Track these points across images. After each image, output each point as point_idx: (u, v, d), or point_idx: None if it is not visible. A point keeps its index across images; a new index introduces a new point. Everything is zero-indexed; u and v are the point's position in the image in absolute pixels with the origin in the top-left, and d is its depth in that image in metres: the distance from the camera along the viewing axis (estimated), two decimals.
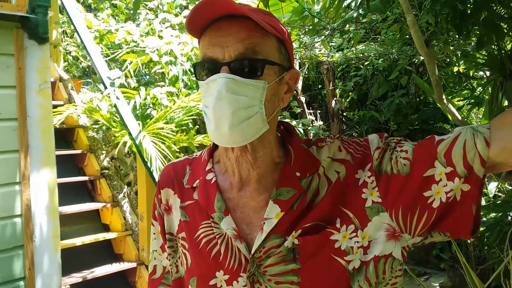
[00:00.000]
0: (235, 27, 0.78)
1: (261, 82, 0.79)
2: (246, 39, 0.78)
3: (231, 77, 0.77)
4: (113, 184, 4.00)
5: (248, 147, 0.83)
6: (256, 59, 0.79)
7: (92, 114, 3.93)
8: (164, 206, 0.95)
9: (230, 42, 0.78)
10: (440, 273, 4.50)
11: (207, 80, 0.79)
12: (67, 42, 5.25)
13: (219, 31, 0.79)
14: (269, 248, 0.81)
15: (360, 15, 3.28)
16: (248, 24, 0.78)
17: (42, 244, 2.61)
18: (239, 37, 0.78)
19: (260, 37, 0.79)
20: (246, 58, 0.78)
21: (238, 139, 0.79)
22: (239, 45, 0.78)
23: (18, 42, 2.53)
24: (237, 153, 0.84)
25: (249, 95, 0.78)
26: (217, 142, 0.83)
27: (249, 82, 0.78)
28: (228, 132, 0.77)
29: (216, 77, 0.77)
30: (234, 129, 0.77)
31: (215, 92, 0.77)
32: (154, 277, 0.99)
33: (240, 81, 0.77)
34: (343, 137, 0.89)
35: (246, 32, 0.78)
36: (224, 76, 0.77)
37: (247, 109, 0.78)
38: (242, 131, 0.78)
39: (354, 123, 6.17)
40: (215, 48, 0.79)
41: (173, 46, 4.14)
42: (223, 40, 0.78)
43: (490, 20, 2.00)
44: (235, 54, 0.78)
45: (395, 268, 0.81)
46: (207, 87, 0.79)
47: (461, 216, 0.76)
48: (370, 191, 0.81)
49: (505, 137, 0.72)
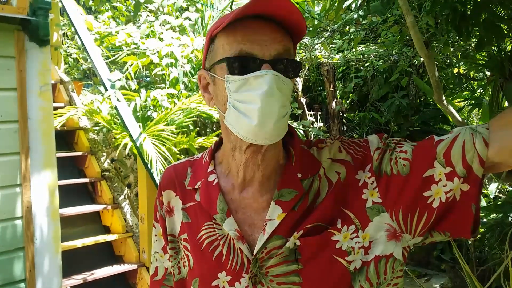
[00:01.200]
0: (268, 28, 0.80)
1: (291, 83, 0.81)
2: (282, 41, 0.80)
3: (278, 74, 0.77)
4: (113, 186, 4.00)
5: (264, 147, 0.83)
6: (293, 60, 0.81)
7: (93, 116, 3.93)
8: (166, 208, 0.95)
9: (268, 42, 0.79)
10: (441, 274, 4.50)
11: (249, 75, 0.78)
12: (67, 44, 5.27)
13: (253, 29, 0.79)
14: (271, 249, 0.81)
15: (360, 17, 3.29)
16: (277, 27, 0.80)
17: (43, 246, 2.61)
18: (276, 38, 0.79)
19: (290, 41, 0.82)
20: (285, 58, 0.80)
21: (275, 137, 0.79)
22: (278, 45, 0.79)
23: (19, 45, 2.53)
24: (248, 155, 0.84)
25: (286, 94, 0.79)
26: (252, 139, 0.80)
27: (287, 82, 0.79)
28: (272, 128, 0.77)
29: (263, 73, 0.77)
30: (276, 125, 0.77)
31: (264, 87, 0.76)
32: (156, 278, 0.99)
33: (283, 80, 0.78)
34: (343, 138, 0.89)
35: (280, 35, 0.80)
36: (272, 73, 0.77)
37: (285, 107, 0.79)
38: (280, 128, 0.79)
39: (355, 125, 6.17)
40: (253, 45, 0.79)
41: (174, 48, 4.15)
42: (261, 38, 0.79)
43: (490, 21, 2.00)
44: (274, 53, 0.79)
45: (396, 269, 0.81)
46: (245, 82, 0.78)
47: (461, 216, 0.77)
48: (370, 191, 0.82)
49: (504, 137, 0.73)
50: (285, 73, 0.79)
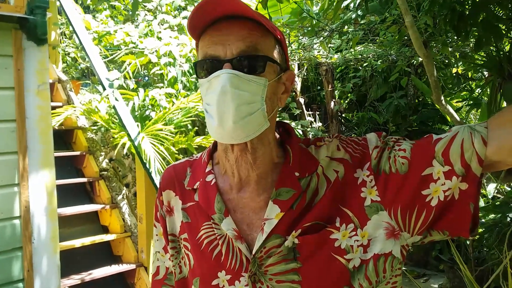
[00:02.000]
0: (235, 26, 0.79)
1: (262, 79, 0.80)
2: (247, 38, 0.79)
3: (234, 72, 0.77)
4: (112, 185, 4.00)
5: (248, 146, 0.83)
6: (258, 56, 0.80)
7: (91, 115, 3.92)
8: (166, 208, 0.96)
9: (231, 40, 0.79)
10: (439, 274, 4.50)
11: (210, 77, 0.79)
12: (65, 43, 5.25)
13: (220, 30, 0.80)
14: (270, 248, 0.81)
15: (359, 16, 3.29)
16: (248, 24, 0.80)
17: (41, 246, 2.60)
18: (241, 36, 0.79)
19: (260, 36, 0.81)
20: (248, 55, 0.79)
21: (241, 135, 0.79)
22: (241, 43, 0.79)
23: (16, 43, 2.52)
24: (237, 154, 0.84)
25: (251, 91, 0.79)
26: (219, 139, 0.83)
27: (251, 78, 0.78)
28: (232, 127, 0.77)
29: (219, 73, 0.78)
30: (237, 124, 0.77)
31: (218, 87, 0.77)
32: (157, 278, 0.99)
33: (243, 77, 0.78)
34: (341, 136, 0.89)
35: (246, 31, 0.79)
36: (227, 71, 0.77)
37: (249, 105, 0.78)
38: (244, 126, 0.78)
39: (353, 125, 6.17)
40: (217, 46, 0.79)
41: (172, 48, 4.15)
42: (225, 38, 0.79)
43: (489, 21, 2.00)
44: (237, 51, 0.79)
45: (395, 267, 0.81)
46: (209, 84, 0.80)
47: (459, 214, 0.77)
48: (369, 190, 0.82)
49: (502, 136, 0.73)
50: (247, 70, 0.78)
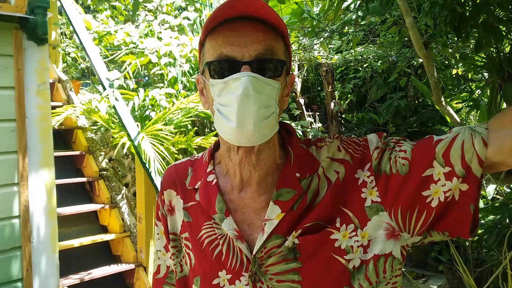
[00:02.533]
0: (250, 28, 0.79)
1: (277, 82, 0.80)
2: (264, 41, 0.79)
3: (254, 75, 0.77)
4: (111, 185, 4.00)
5: (255, 148, 0.83)
6: (275, 60, 0.80)
7: (91, 115, 3.92)
8: (167, 207, 0.96)
9: (248, 42, 0.79)
10: (438, 276, 4.50)
11: (227, 78, 0.78)
12: (66, 43, 5.25)
13: (234, 31, 0.79)
14: (270, 248, 0.81)
15: (359, 17, 3.29)
16: (262, 27, 0.80)
17: (40, 245, 2.60)
18: (257, 38, 0.79)
19: (275, 39, 0.81)
20: (266, 59, 0.79)
21: (258, 138, 0.79)
22: (258, 46, 0.79)
23: (17, 43, 2.52)
24: (241, 155, 0.84)
25: (268, 95, 0.79)
26: (234, 141, 0.81)
27: (269, 82, 0.79)
28: (251, 130, 0.77)
29: (240, 75, 0.77)
30: (256, 127, 0.77)
31: (240, 89, 0.76)
32: (158, 276, 1.00)
33: (262, 80, 0.78)
34: (342, 137, 0.89)
35: (262, 34, 0.79)
36: (249, 74, 0.77)
37: (266, 108, 0.79)
38: (262, 129, 0.78)
39: (353, 125, 6.18)
40: (233, 47, 0.79)
41: (172, 48, 4.15)
42: (241, 40, 0.79)
43: (489, 22, 2.01)
44: (255, 54, 0.78)
45: (395, 267, 0.81)
46: (225, 85, 0.79)
47: (460, 215, 0.77)
48: (369, 190, 0.82)
49: (503, 137, 0.73)
50: (266, 73, 0.79)
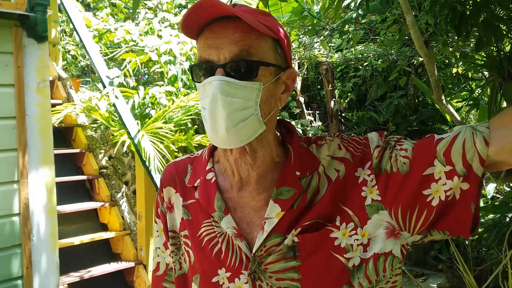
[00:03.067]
0: (230, 29, 0.78)
1: (256, 83, 0.79)
2: (241, 41, 0.78)
3: (225, 79, 0.77)
4: (111, 183, 4.00)
5: (247, 148, 0.83)
6: (250, 61, 0.78)
7: (91, 113, 3.92)
8: (167, 204, 0.96)
9: (225, 44, 0.78)
10: (438, 274, 4.51)
11: (203, 82, 0.79)
12: (66, 41, 5.24)
13: (214, 33, 0.79)
14: (270, 246, 0.81)
15: (360, 16, 3.29)
16: (243, 25, 0.78)
17: (40, 243, 2.60)
18: (234, 39, 0.78)
19: (255, 39, 0.79)
20: (240, 60, 0.78)
21: (234, 141, 0.79)
22: (234, 47, 0.78)
23: (17, 41, 2.52)
24: (235, 155, 0.85)
25: (244, 97, 0.78)
26: (214, 144, 0.84)
27: (244, 84, 0.78)
28: (225, 134, 0.78)
29: (211, 79, 0.78)
30: (230, 131, 0.77)
31: (210, 94, 0.77)
32: (158, 273, 1.00)
33: (235, 83, 0.77)
34: (342, 135, 0.89)
35: (240, 34, 0.78)
36: (218, 78, 0.77)
37: (242, 111, 0.78)
38: (237, 133, 0.78)
39: (353, 124, 6.18)
40: (211, 50, 0.79)
41: (172, 46, 4.14)
42: (218, 42, 0.78)
43: (489, 21, 2.00)
44: (230, 56, 0.78)
45: (395, 266, 0.81)
46: (203, 89, 0.80)
47: (460, 214, 0.76)
48: (369, 189, 0.81)
49: (504, 136, 0.73)
50: (240, 76, 0.78)
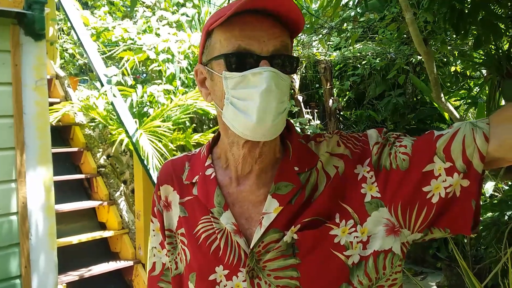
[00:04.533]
0: (266, 23, 0.79)
1: (289, 79, 0.81)
2: (280, 37, 0.79)
3: (276, 71, 0.77)
4: (109, 182, 3.99)
5: (261, 143, 0.83)
6: (291, 56, 0.81)
7: (89, 111, 3.91)
8: (164, 203, 0.95)
9: (266, 37, 0.78)
10: (437, 272, 4.51)
11: (247, 72, 0.77)
12: (63, 39, 5.23)
13: (251, 25, 0.78)
14: (268, 242, 0.81)
15: (358, 14, 3.29)
16: (276, 23, 0.79)
17: (38, 242, 2.59)
18: (273, 34, 0.78)
19: (288, 36, 0.82)
20: (282, 54, 0.79)
21: (273, 133, 0.80)
22: (276, 41, 0.78)
23: (14, 39, 2.51)
24: (246, 150, 0.84)
25: (284, 91, 0.79)
26: (250, 136, 0.79)
27: (286, 78, 0.79)
28: (270, 125, 0.77)
29: (261, 69, 0.76)
30: (274, 122, 0.77)
31: (264, 84, 0.75)
32: (153, 273, 0.99)
33: (282, 76, 0.78)
34: (342, 132, 0.89)
35: (277, 30, 0.79)
36: (271, 69, 0.76)
37: (282, 104, 0.79)
38: (278, 125, 0.79)
39: (351, 123, 6.18)
40: (251, 41, 0.78)
41: (170, 44, 4.13)
42: (259, 34, 0.78)
43: (488, 19, 2.00)
44: (272, 49, 0.78)
45: (395, 264, 0.81)
46: (243, 78, 0.77)
47: (461, 212, 0.76)
48: (369, 186, 0.81)
49: (504, 132, 0.72)
50: (283, 69, 0.78)
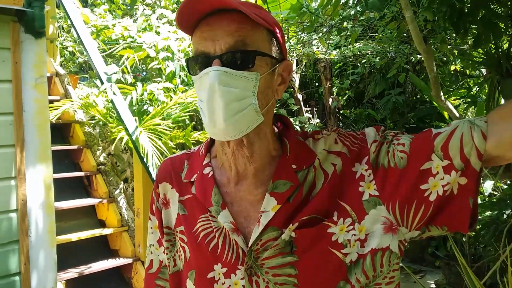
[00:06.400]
0: (225, 21, 0.79)
1: (253, 73, 0.79)
2: (236, 32, 0.78)
3: (222, 69, 0.77)
4: (109, 180, 3.99)
5: (244, 140, 0.83)
6: (246, 51, 0.79)
7: (89, 109, 3.91)
8: (162, 200, 0.95)
9: (220, 36, 0.78)
10: (435, 271, 4.52)
11: (200, 74, 0.79)
12: (63, 37, 5.23)
13: (210, 26, 0.79)
14: (266, 240, 0.81)
15: (358, 13, 3.28)
16: (238, 17, 0.79)
17: (38, 240, 2.60)
18: (229, 30, 0.78)
19: (250, 30, 0.80)
20: (236, 50, 0.78)
21: (232, 132, 0.79)
22: (229, 38, 0.78)
23: (14, 36, 2.51)
24: (233, 148, 0.84)
25: (241, 87, 0.78)
26: (212, 136, 0.83)
27: (241, 74, 0.78)
28: (223, 125, 0.77)
29: (208, 70, 0.78)
30: (228, 121, 0.77)
31: (208, 85, 0.77)
32: (151, 271, 0.99)
33: (232, 73, 0.77)
34: (340, 130, 0.89)
35: (236, 25, 0.79)
36: (215, 69, 0.77)
37: (240, 101, 0.78)
38: (235, 123, 0.78)
39: (351, 121, 6.18)
40: (206, 42, 0.79)
41: (170, 42, 4.13)
42: (214, 33, 0.79)
43: (488, 18, 2.00)
44: (226, 47, 0.78)
45: (392, 262, 0.81)
46: (200, 81, 0.80)
47: (458, 209, 0.76)
48: (367, 184, 0.81)
49: (502, 131, 0.72)
50: (237, 66, 0.78)
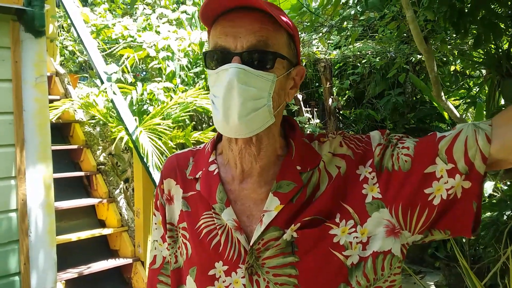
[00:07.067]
0: (247, 19, 0.79)
1: (271, 75, 0.79)
2: (258, 32, 0.78)
3: (242, 67, 0.77)
4: (109, 180, 3.99)
5: (254, 139, 0.83)
6: (267, 52, 0.79)
7: (89, 109, 3.91)
8: (166, 196, 0.96)
9: (243, 33, 0.78)
10: (435, 272, 4.52)
11: (218, 69, 0.79)
12: (63, 36, 5.22)
13: (232, 22, 0.79)
14: (268, 240, 0.81)
15: (358, 13, 3.28)
16: (261, 17, 0.79)
17: (38, 239, 2.59)
18: (252, 29, 0.78)
19: (272, 31, 0.80)
20: (258, 50, 0.78)
21: (245, 131, 0.79)
22: (252, 37, 0.78)
23: (14, 35, 2.50)
24: (241, 146, 0.84)
25: (258, 87, 0.78)
26: (223, 133, 0.83)
27: (260, 74, 0.78)
28: (236, 122, 0.77)
29: (227, 66, 0.77)
30: (242, 119, 0.77)
31: (226, 81, 0.76)
32: (154, 267, 1.00)
33: (251, 72, 0.77)
34: (345, 133, 0.89)
35: (258, 25, 0.79)
36: (236, 66, 0.77)
37: (255, 101, 0.78)
38: (249, 122, 0.78)
39: (351, 122, 6.17)
40: (228, 38, 0.79)
41: (170, 42, 4.13)
42: (236, 30, 0.78)
43: (488, 18, 2.00)
44: (247, 45, 0.78)
45: (394, 265, 0.81)
46: (216, 76, 0.79)
47: (462, 213, 0.76)
48: (370, 187, 0.81)
49: (507, 134, 0.72)
50: (257, 65, 0.78)
